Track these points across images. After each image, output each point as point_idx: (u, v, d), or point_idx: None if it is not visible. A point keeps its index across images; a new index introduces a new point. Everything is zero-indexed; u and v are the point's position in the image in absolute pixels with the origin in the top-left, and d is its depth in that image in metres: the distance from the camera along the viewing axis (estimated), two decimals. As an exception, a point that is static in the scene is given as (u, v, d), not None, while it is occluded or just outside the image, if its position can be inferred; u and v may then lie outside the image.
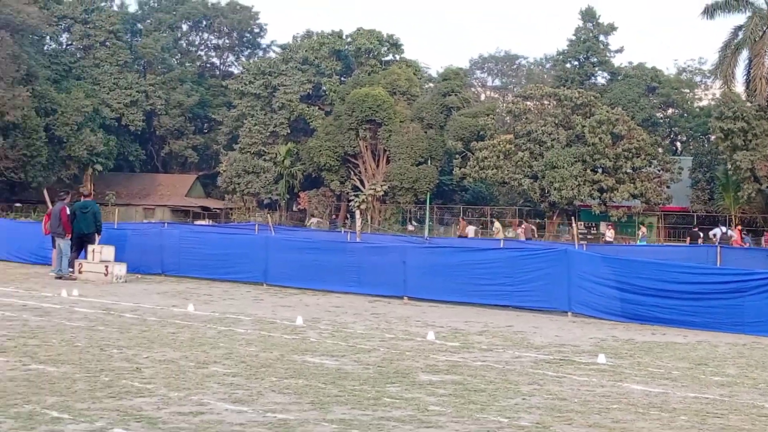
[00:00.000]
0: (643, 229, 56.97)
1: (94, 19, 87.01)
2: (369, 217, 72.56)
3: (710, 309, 17.84)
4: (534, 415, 9.75)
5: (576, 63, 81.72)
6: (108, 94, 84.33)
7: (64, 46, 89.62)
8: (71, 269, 25.84)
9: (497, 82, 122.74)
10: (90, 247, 26.08)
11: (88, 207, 27.22)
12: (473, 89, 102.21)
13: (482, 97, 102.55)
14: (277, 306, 19.98)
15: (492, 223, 65.15)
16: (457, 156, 72.78)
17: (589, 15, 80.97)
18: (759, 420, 9.88)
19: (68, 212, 26.16)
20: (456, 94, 78.79)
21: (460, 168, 70.01)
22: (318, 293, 22.99)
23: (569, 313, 19.44)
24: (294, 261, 24.83)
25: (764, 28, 61.97)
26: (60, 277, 24.84)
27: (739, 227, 50.76)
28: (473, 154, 68.51)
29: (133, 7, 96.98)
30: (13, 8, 73.14)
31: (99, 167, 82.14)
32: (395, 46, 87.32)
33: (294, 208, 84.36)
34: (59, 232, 25.71)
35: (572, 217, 54.17)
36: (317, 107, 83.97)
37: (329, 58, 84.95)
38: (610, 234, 52.65)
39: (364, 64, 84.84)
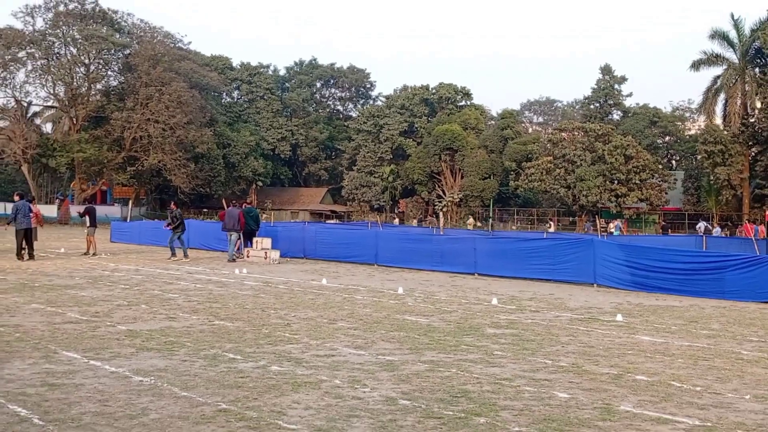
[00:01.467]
0: (616, 222, 55.21)
1: (255, 80, 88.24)
2: (449, 217, 72.38)
3: (699, 281, 17.37)
4: (570, 358, 9.57)
5: (597, 104, 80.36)
6: (265, 132, 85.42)
7: (235, 100, 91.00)
8: (240, 254, 26.33)
9: (540, 119, 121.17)
10: (254, 239, 26.49)
11: (253, 211, 27.64)
12: (523, 124, 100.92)
13: (530, 130, 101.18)
14: (384, 280, 20.00)
15: (547, 222, 64.80)
16: (511, 172, 72.64)
17: (606, 70, 79.68)
18: (737, 362, 9.56)
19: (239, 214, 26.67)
20: (510, 128, 78.30)
21: (514, 181, 69.80)
22: (413, 271, 22.97)
23: (594, 285, 19.08)
24: (396, 248, 24.83)
25: (736, 78, 60.91)
26: (232, 260, 25.27)
27: (747, 222, 48.38)
28: (524, 171, 68.27)
29: (282, 71, 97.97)
30: (201, 74, 74.70)
31: (260, 183, 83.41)
32: (467, 94, 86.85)
33: (395, 211, 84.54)
34: (236, 228, 26.10)
35: (596, 216, 53.66)
36: (411, 139, 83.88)
37: (419, 104, 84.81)
38: (614, 228, 51.16)
39: (444, 107, 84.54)
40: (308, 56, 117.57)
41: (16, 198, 24.32)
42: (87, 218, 27.30)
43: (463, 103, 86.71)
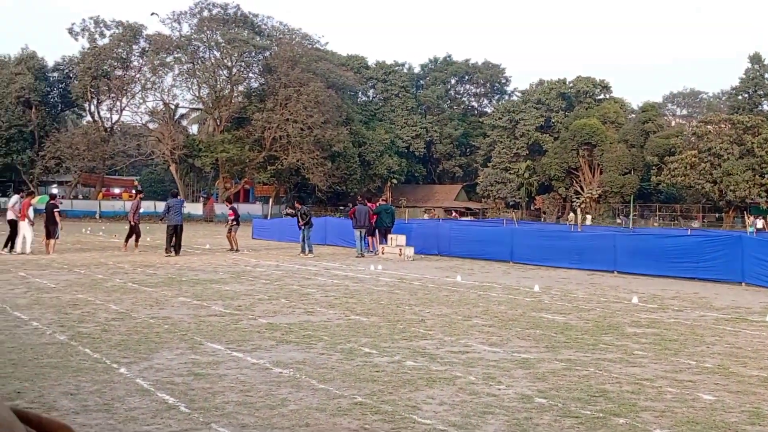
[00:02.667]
0: (757, 218, 51.64)
1: (390, 78, 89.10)
2: (587, 214, 70.77)
3: None
4: (716, 359, 9.15)
5: (746, 95, 76.36)
6: (400, 130, 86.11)
7: (370, 98, 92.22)
8: (371, 250, 26.79)
9: (683, 112, 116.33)
10: (389, 236, 26.76)
11: (389, 209, 27.96)
12: (665, 117, 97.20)
13: (672, 123, 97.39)
14: (520, 277, 19.77)
15: (692, 219, 62.37)
16: (653, 167, 70.18)
17: (755, 59, 75.62)
18: None
19: (372, 212, 27.08)
20: (652, 122, 75.73)
21: (656, 176, 67.52)
22: (549, 269, 22.59)
23: (743, 284, 18.17)
24: (532, 245, 24.50)
25: None
26: (360, 256, 25.73)
27: None
28: (666, 165, 65.95)
29: (417, 69, 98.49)
30: (337, 74, 76.15)
31: (395, 181, 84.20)
32: (605, 87, 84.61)
33: (531, 208, 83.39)
34: (365, 225, 26.56)
35: (744, 212, 51.14)
36: (548, 134, 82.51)
37: (556, 99, 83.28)
38: (760, 223, 48.42)
39: (582, 101, 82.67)
40: (443, 53, 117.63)
41: (180, 197, 25.91)
42: (231, 218, 28.43)
43: (601, 96, 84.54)
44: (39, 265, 20.22)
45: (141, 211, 27.19)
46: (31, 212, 24.69)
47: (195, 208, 68.98)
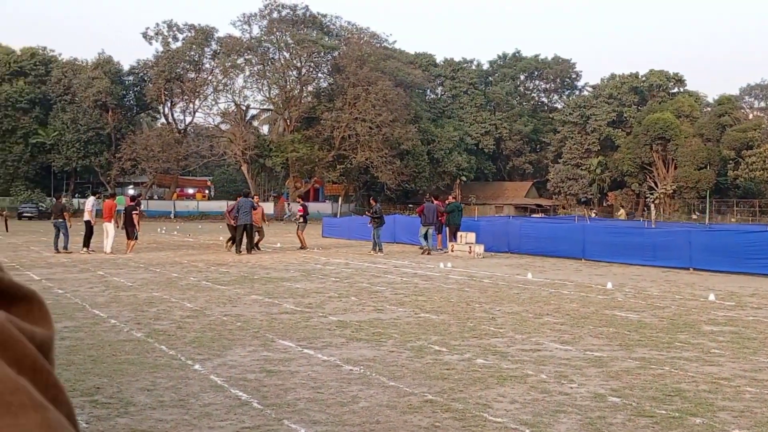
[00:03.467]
0: None
1: (459, 75, 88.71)
2: (661, 210, 69.27)
3: None
4: (798, 359, 8.87)
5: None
6: (469, 127, 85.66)
7: (439, 96, 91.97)
8: (437, 247, 26.85)
9: (762, 104, 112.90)
10: (459, 234, 26.68)
11: (459, 207, 27.91)
12: (742, 110, 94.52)
13: (750, 116, 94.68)
14: (592, 275, 19.48)
15: None
16: (730, 162, 68.26)
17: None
18: None
19: (442, 210, 27.10)
20: (729, 115, 73.61)
21: (733, 171, 65.63)
22: (622, 266, 22.19)
23: (827, 281, 17.57)
24: (604, 242, 24.10)
25: None
26: (427, 253, 25.80)
27: None
28: (744, 159, 64.01)
29: (485, 65, 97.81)
30: (405, 72, 76.23)
31: (464, 178, 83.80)
32: (679, 80, 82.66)
33: (603, 204, 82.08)
34: (434, 223, 26.66)
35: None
36: (620, 130, 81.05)
37: (628, 93, 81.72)
38: None
39: (656, 95, 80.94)
40: (511, 49, 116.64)
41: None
42: (300, 215, 28.77)
43: (675, 90, 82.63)
44: (117, 265, 20.78)
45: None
46: (115, 214, 25.51)
47: (266, 208, 69.99)
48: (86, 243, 25.35)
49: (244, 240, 25.22)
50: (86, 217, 25.65)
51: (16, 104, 71.95)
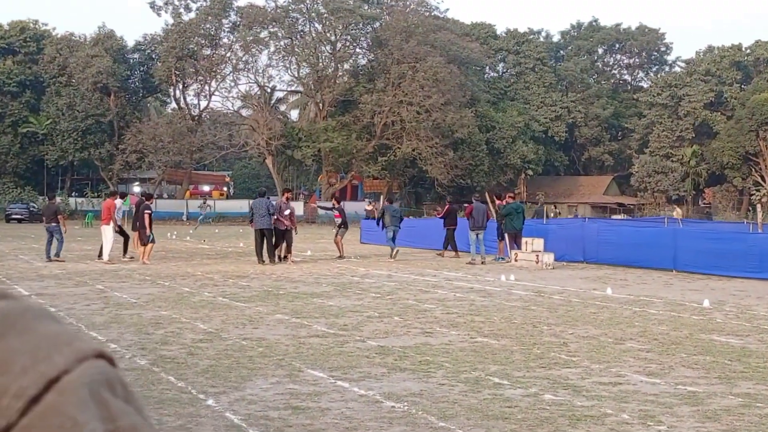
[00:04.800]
0: None
1: (524, 49, 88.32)
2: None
3: None
4: None
5: None
6: (536, 111, 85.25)
7: (500, 74, 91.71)
8: (504, 256, 26.78)
9: None
10: (523, 239, 26.54)
11: (519, 208, 27.79)
12: None
13: None
14: (685, 290, 19.20)
15: None
16: None
17: None
18: None
19: (501, 213, 27.08)
20: None
21: None
22: (722, 279, 21.84)
23: None
24: (700, 249, 23.75)
25: None
26: (482, 263, 25.76)
27: None
28: None
29: (556, 37, 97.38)
30: (460, 46, 76.03)
31: (530, 172, 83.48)
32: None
33: (699, 203, 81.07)
34: (484, 226, 26.70)
35: None
36: (719, 113, 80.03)
37: (729, 69, 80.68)
38: None
39: (763, 72, 79.76)
40: (587, 17, 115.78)
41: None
42: (337, 217, 28.90)
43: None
44: (118, 277, 21.01)
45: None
46: (117, 215, 25.88)
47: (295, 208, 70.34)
48: (126, 250, 26.38)
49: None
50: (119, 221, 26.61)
51: (3, 87, 73.42)
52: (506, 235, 27.17)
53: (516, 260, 26.01)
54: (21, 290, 17.60)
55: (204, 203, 60.68)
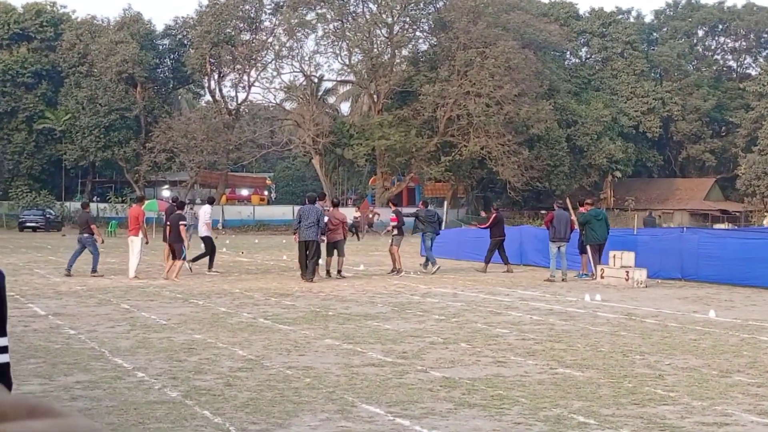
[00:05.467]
0: None
1: (611, 32, 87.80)
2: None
3: None
4: None
5: None
6: (625, 102, 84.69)
7: (583, 60, 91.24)
8: (587, 273, 26.52)
9: None
10: (611, 253, 26.28)
11: (600, 215, 27.53)
12: None
13: None
14: (802, 313, 18.87)
15: None
16: None
17: None
18: None
19: (579, 220, 26.81)
20: None
21: None
22: None
23: None
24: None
25: None
26: (562, 280, 25.57)
27: None
28: None
29: (648, 17, 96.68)
30: (536, 27, 75.79)
31: (618, 174, 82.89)
32: None
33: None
34: (567, 237, 26.42)
35: None
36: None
37: None
38: None
39: None
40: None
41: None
42: (393, 225, 28.92)
43: None
44: (146, 295, 21.24)
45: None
46: (144, 224, 26.37)
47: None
48: (211, 263, 27.67)
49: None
50: (203, 231, 27.86)
51: (17, 78, 74.47)
52: (588, 248, 26.94)
53: (602, 277, 25.79)
54: (37, 309, 17.88)
55: (191, 209, 54.00)
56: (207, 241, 28.03)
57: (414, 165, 73.74)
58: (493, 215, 30.62)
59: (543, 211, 76.83)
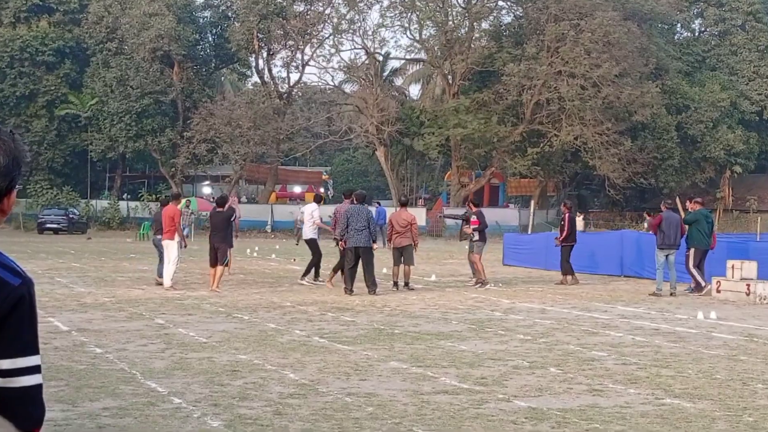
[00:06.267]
0: None
1: (730, 0, 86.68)
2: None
3: None
4: None
5: None
6: (747, 85, 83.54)
7: (696, 34, 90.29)
8: (700, 286, 26.21)
9: None
10: (729, 263, 25.97)
11: (710, 217, 27.25)
12: None
13: None
14: None
15: None
16: None
17: None
18: None
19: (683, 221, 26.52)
20: None
21: None
22: None
23: None
24: None
25: None
26: (658, 293, 25.31)
27: None
28: None
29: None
30: (641, -4, 75.11)
31: (738, 169, 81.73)
32: None
33: None
34: (676, 244, 26.01)
35: None
36: None
37: None
38: None
39: None
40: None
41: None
42: (473, 228, 28.75)
43: None
44: (183, 308, 21.43)
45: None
46: (180, 226, 26.51)
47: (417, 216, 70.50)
48: (316, 271, 28.33)
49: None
50: (308, 233, 28.34)
51: (36, 57, 75.19)
52: (691, 253, 26.40)
53: (718, 291, 25.51)
54: (58, 324, 18.11)
55: (186, 207, 52.24)
56: (312, 244, 28.20)
57: (496, 158, 73.54)
58: (566, 215, 30.26)
59: (648, 213, 76.04)
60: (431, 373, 13.42)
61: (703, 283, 26.26)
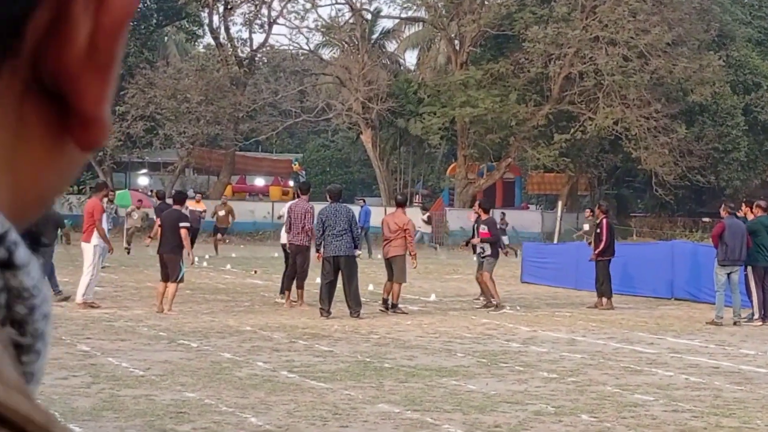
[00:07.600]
0: None
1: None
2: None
3: None
4: None
5: None
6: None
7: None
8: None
9: None
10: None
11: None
12: None
13: None
14: None
15: None
16: None
17: None
18: None
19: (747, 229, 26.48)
20: None
21: None
22: None
23: None
24: None
25: None
26: (734, 323, 25.29)
27: None
28: None
29: None
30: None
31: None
32: None
33: None
34: (739, 259, 25.91)
35: None
36: None
37: None
38: None
39: None
40: None
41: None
42: (482, 240, 28.77)
43: None
44: (114, 331, 21.44)
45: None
46: (104, 225, 26.32)
47: (413, 217, 70.46)
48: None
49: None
50: (284, 236, 28.51)
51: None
52: (749, 273, 26.29)
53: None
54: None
55: (110, 202, 43.35)
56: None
57: (514, 146, 73.34)
58: (604, 221, 30.12)
59: (705, 219, 76.13)
60: (430, 419, 13.47)
61: (756, 313, 26.03)
